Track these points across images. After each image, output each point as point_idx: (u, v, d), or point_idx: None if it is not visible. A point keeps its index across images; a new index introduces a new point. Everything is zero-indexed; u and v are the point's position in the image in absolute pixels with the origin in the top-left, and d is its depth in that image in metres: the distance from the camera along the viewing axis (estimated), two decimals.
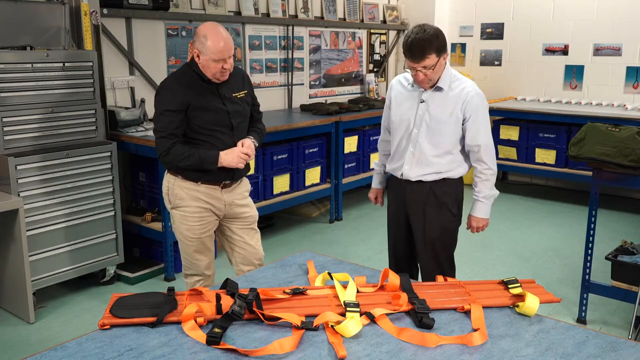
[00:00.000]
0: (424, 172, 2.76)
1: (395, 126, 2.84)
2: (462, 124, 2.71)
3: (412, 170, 2.78)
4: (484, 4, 6.93)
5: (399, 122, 2.81)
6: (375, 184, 3.16)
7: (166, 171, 2.88)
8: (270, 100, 5.71)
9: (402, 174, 2.82)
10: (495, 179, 2.80)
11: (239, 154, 2.76)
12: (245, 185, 3.03)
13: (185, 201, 2.81)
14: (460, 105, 2.68)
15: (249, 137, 2.88)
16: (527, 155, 6.20)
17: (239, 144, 2.81)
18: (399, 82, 2.87)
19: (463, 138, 2.75)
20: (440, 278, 2.20)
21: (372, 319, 1.82)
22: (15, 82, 3.45)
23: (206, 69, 2.70)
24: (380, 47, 7.10)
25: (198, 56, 2.69)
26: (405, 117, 2.78)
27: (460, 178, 2.84)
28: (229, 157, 2.75)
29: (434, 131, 2.71)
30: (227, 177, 2.85)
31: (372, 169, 3.25)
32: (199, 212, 2.83)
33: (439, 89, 2.70)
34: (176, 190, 2.81)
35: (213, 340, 1.67)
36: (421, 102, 2.73)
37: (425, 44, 2.55)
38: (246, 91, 2.91)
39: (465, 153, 2.80)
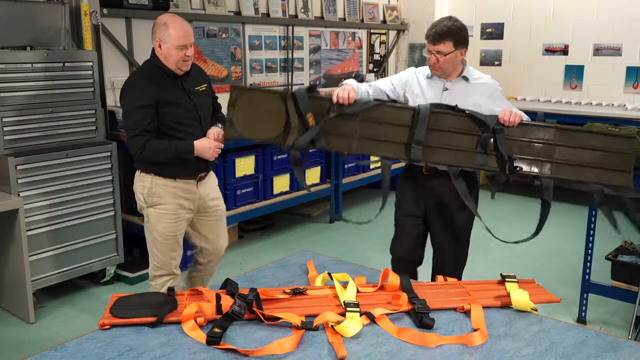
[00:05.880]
0: None
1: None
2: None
3: None
4: (484, 4, 6.93)
5: None
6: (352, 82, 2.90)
7: (138, 171, 2.85)
8: None
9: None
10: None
11: (215, 146, 2.77)
12: (215, 178, 3.06)
13: (164, 199, 2.81)
14: (487, 95, 2.76)
15: (215, 125, 2.89)
16: None
17: (209, 133, 2.81)
18: (415, 73, 2.88)
19: None
20: (440, 278, 2.21)
21: (372, 319, 1.83)
22: (15, 82, 3.44)
23: (169, 59, 2.69)
24: (380, 47, 7.09)
25: (160, 46, 2.68)
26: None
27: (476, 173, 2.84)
28: (206, 146, 2.75)
29: None
30: (202, 169, 2.86)
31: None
32: (175, 209, 2.83)
33: (465, 78, 2.77)
34: (154, 188, 2.80)
35: (213, 340, 1.68)
36: (445, 90, 2.77)
37: (446, 30, 2.64)
38: (206, 85, 2.92)
39: None
